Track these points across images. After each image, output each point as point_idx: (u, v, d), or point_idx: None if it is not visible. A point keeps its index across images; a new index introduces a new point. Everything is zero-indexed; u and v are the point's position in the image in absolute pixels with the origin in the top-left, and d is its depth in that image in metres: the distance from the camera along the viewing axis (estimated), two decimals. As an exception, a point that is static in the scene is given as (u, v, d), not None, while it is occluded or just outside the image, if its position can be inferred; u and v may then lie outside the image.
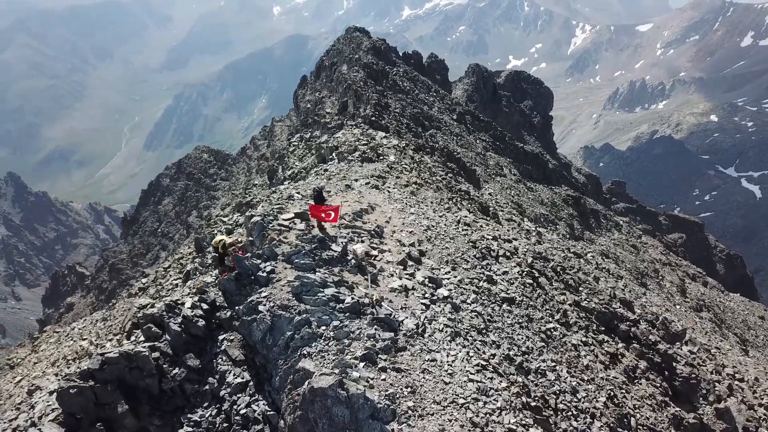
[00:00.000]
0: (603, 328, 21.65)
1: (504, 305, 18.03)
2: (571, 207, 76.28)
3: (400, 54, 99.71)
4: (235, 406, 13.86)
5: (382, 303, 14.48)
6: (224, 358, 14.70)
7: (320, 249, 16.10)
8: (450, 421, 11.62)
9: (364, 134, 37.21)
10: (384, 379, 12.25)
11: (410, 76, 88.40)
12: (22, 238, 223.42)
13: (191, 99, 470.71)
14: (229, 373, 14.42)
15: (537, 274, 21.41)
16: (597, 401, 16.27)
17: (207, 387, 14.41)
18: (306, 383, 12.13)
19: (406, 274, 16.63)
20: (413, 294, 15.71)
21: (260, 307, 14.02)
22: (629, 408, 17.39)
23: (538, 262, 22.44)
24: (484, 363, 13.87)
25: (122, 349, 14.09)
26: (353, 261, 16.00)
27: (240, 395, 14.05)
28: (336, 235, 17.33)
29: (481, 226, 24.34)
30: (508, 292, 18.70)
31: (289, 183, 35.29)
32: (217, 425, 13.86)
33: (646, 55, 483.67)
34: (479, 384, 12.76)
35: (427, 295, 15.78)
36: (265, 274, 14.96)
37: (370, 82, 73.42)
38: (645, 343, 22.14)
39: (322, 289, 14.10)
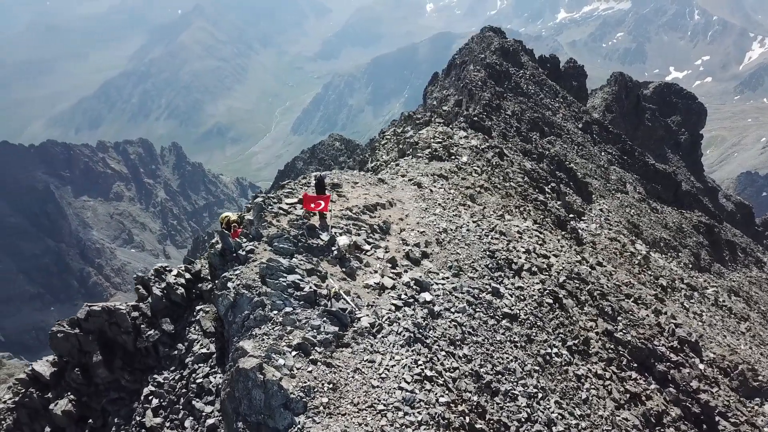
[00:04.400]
0: (635, 365, 19.51)
1: (503, 321, 16.94)
2: (701, 235, 69.27)
3: (536, 57, 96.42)
4: (194, 375, 14.52)
5: (342, 297, 14.30)
6: (196, 327, 15.43)
7: (307, 236, 16.23)
8: (359, 425, 11.26)
9: (442, 132, 36.62)
10: (310, 371, 12.15)
11: (537, 79, 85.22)
12: (177, 202, 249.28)
13: (339, 89, 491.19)
14: (197, 342, 15.12)
15: (564, 295, 19.81)
16: (579, 440, 14.77)
17: (176, 352, 15.24)
18: (238, 362, 12.41)
19: (393, 272, 16.23)
20: (388, 293, 15.32)
21: (229, 284, 14.50)
22: (627, 456, 15.58)
23: (571, 282, 20.72)
24: (434, 374, 13.19)
25: (105, 304, 15.35)
26: (335, 252, 15.95)
27: (201, 365, 14.70)
28: (332, 225, 17.35)
29: (521, 237, 22.96)
30: (512, 308, 17.52)
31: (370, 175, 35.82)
32: (176, 389, 14.61)
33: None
34: (407, 393, 12.19)
35: (403, 297, 15.29)
36: (244, 253, 15.43)
37: (489, 82, 71.91)
38: (683, 389, 19.60)
39: (285, 275, 14.23)
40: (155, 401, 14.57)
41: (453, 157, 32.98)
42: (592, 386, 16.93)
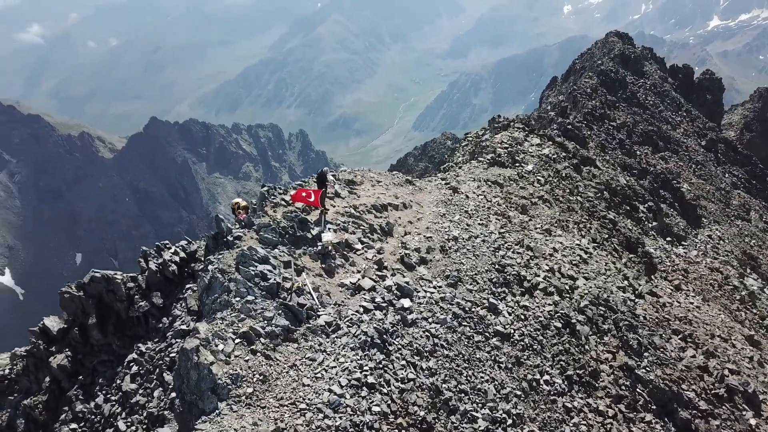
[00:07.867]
0: (653, 408, 17.60)
1: (493, 339, 16.04)
2: (839, 276, 61.13)
3: (666, 66, 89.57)
4: (170, 349, 15.29)
5: (305, 292, 14.28)
6: (182, 304, 16.21)
7: (297, 229, 16.36)
8: (273, 420, 11.25)
9: (512, 138, 35.18)
10: (246, 360, 12.33)
11: (658, 90, 79.11)
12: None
13: (464, 87, 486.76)
14: (179, 318, 15.88)
15: (581, 321, 18.31)
16: (544, 478, 13.65)
17: (161, 325, 16.12)
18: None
19: (377, 275, 15.93)
20: (362, 295, 15.06)
21: (210, 267, 15.05)
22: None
23: (594, 308, 19.07)
24: (378, 382, 12.80)
25: (105, 272, 16.58)
26: (319, 247, 15.95)
27: (178, 341, 15.41)
28: (329, 221, 17.35)
29: (554, 254, 21.49)
30: (507, 326, 16.50)
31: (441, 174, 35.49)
32: (154, 360, 15.47)
33: None
34: (334, 397, 11.94)
35: (377, 300, 14.96)
36: (231, 239, 15.92)
37: (601, 90, 68.06)
38: (706, 445, 17.37)
39: (256, 264, 14.48)
40: (135, 368, 15.60)
41: (517, 164, 31.60)
42: (583, 421, 15.55)
